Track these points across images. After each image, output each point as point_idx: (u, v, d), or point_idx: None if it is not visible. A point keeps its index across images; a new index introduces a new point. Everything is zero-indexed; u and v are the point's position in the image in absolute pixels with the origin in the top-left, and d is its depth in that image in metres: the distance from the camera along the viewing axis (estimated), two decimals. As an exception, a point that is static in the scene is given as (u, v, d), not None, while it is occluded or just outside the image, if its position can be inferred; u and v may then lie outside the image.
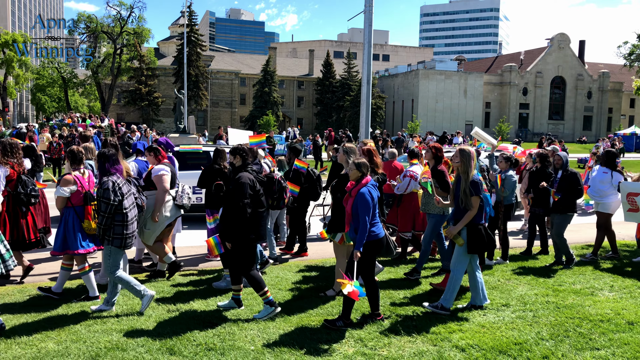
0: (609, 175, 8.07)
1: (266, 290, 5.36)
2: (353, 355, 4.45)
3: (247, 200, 5.25)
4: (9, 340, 4.66)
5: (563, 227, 7.62)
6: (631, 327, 5.09)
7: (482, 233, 5.45)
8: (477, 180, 5.40)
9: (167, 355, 4.40)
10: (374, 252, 5.13)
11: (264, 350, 4.51)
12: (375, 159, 6.36)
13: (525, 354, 4.48)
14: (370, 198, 4.98)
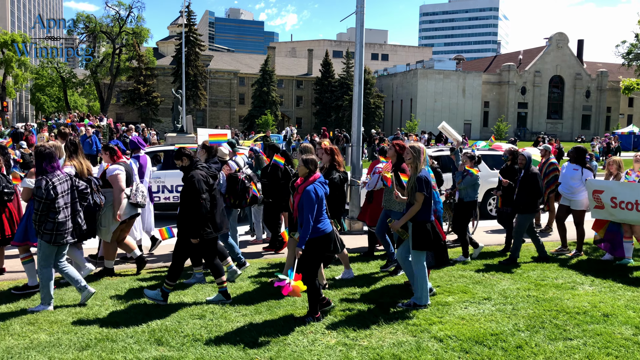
0: (579, 172, 8.19)
1: (224, 280, 5.67)
2: (334, 345, 4.61)
3: (204, 196, 5.43)
4: (2, 332, 4.82)
5: (523, 227, 7.68)
6: (605, 319, 5.25)
7: (428, 230, 5.53)
8: (423, 177, 5.51)
9: (155, 345, 4.57)
10: (319, 248, 5.19)
11: (248, 341, 4.67)
12: (337, 158, 6.55)
13: (501, 344, 4.65)
14: (315, 195, 5.05)
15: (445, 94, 66.53)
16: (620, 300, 5.91)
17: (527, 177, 7.63)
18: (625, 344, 4.64)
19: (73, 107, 59.35)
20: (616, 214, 7.59)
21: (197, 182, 5.48)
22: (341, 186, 6.61)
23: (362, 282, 6.60)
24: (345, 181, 6.74)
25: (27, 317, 5.21)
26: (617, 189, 7.55)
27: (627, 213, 7.43)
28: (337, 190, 6.52)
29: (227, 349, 4.51)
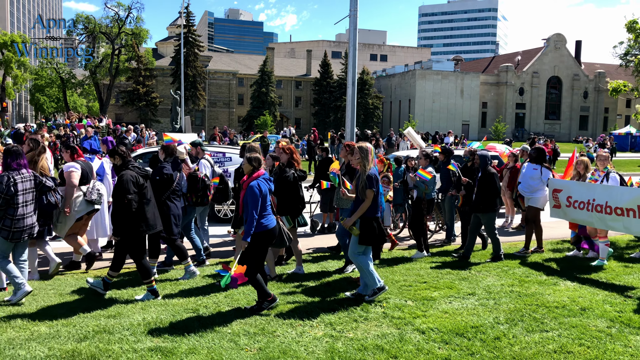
0: (538, 172, 8.34)
1: (152, 280, 5.90)
2: (322, 337, 4.83)
3: (131, 196, 5.65)
4: (4, 324, 5.04)
5: (492, 225, 7.88)
6: (582, 312, 5.48)
7: (374, 226, 5.79)
8: (372, 175, 5.76)
9: (149, 337, 4.78)
10: (263, 242, 5.39)
11: (239, 332, 4.89)
12: (294, 156, 6.84)
13: (480, 335, 4.87)
14: (258, 191, 5.24)
15: (444, 94, 66.78)
16: (598, 295, 6.14)
17: (484, 177, 7.78)
18: (599, 336, 4.86)
19: (72, 108, 59.58)
20: (570, 213, 7.73)
21: (125, 182, 5.69)
22: (295, 183, 6.83)
23: (323, 276, 6.83)
24: (301, 179, 6.98)
25: (28, 310, 5.42)
26: (574, 188, 7.69)
27: (579, 212, 7.54)
28: (293, 187, 6.78)
29: (218, 340, 4.72)
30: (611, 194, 7.11)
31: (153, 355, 4.36)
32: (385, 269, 7.32)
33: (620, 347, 4.62)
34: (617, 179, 7.56)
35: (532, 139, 25.23)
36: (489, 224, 7.90)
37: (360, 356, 4.41)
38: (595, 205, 7.26)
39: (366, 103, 62.15)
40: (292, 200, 6.84)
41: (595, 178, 7.88)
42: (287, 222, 6.79)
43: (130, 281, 6.61)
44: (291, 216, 6.86)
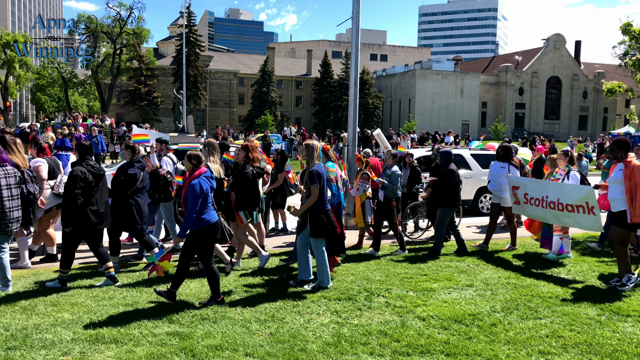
0: (505, 170, 8.48)
1: (110, 267, 6.29)
2: (328, 323, 5.14)
3: (77, 191, 5.99)
4: (29, 312, 5.34)
5: (445, 219, 8.16)
6: (575, 302, 5.78)
7: (322, 219, 6.12)
8: (314, 171, 6.08)
9: (167, 323, 5.09)
10: (205, 238, 5.54)
11: (250, 319, 5.20)
12: (251, 154, 7.13)
13: (477, 322, 5.17)
14: (199, 189, 5.39)
15: (444, 94, 67.07)
16: (589, 286, 6.44)
17: (444, 174, 8.07)
18: (589, 322, 5.17)
19: (74, 107, 59.82)
20: (527, 209, 7.94)
21: (73, 177, 6.05)
22: (253, 180, 7.10)
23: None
24: (259, 176, 7.26)
25: (50, 299, 5.73)
26: (530, 185, 7.89)
27: (535, 209, 7.75)
28: (250, 184, 7.06)
29: (232, 326, 5.03)
30: (562, 191, 7.30)
31: (171, 339, 4.66)
32: (388, 263, 7.62)
33: (608, 332, 4.93)
34: (578, 178, 7.66)
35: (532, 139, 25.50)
36: (442, 217, 8.15)
37: (365, 340, 4.71)
38: (548, 202, 7.46)
39: (366, 103, 62.43)
40: (250, 196, 7.11)
41: (556, 176, 8.06)
42: (244, 216, 7.08)
43: (141, 274, 6.90)
44: (249, 211, 7.13)
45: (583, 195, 6.96)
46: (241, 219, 7.08)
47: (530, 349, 4.56)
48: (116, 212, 6.77)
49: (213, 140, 7.13)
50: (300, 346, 4.55)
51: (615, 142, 6.30)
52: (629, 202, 6.05)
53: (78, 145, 6.36)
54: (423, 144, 24.57)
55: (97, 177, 6.30)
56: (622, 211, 6.16)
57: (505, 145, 9.04)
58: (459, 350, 4.48)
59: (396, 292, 6.17)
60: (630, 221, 6.06)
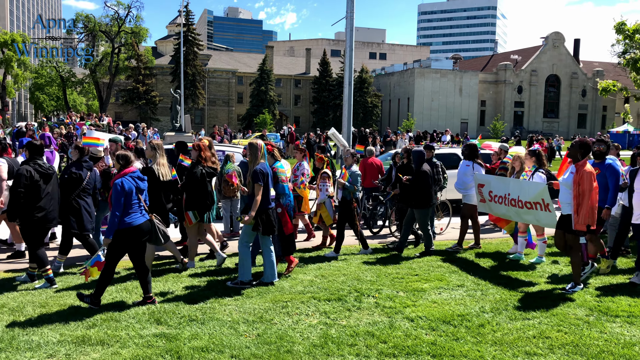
0: (471, 168, 8.45)
1: (48, 269, 6.28)
2: (316, 325, 5.13)
3: (20, 189, 6.07)
4: (17, 313, 5.34)
5: (425, 221, 8.10)
6: (564, 302, 5.78)
7: (263, 217, 6.18)
8: (258, 170, 6.13)
9: (154, 324, 5.08)
10: (127, 239, 5.48)
11: (239, 320, 5.19)
12: (203, 153, 7.10)
13: (465, 323, 5.17)
14: (121, 189, 5.37)
15: (442, 93, 67.04)
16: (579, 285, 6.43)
17: (417, 174, 8.02)
18: (577, 323, 5.17)
19: (72, 106, 59.76)
20: (492, 207, 7.89)
21: (18, 175, 6.14)
22: (202, 180, 7.06)
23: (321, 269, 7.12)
24: (211, 175, 7.22)
25: (38, 300, 5.72)
26: (494, 182, 7.83)
27: (499, 207, 7.71)
28: (199, 184, 7.03)
29: (219, 327, 5.02)
30: (522, 188, 7.27)
31: (158, 341, 4.66)
32: (378, 263, 7.62)
33: (596, 333, 4.92)
34: (543, 177, 7.56)
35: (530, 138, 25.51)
36: (422, 219, 8.10)
37: (352, 341, 4.70)
38: (510, 199, 7.42)
39: (365, 101, 62.42)
40: (200, 196, 7.07)
41: (524, 175, 7.99)
42: (193, 217, 7.05)
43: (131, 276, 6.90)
44: (198, 212, 7.09)
45: (538, 192, 6.87)
46: (190, 219, 7.06)
47: (517, 349, 4.55)
48: (63, 212, 6.75)
49: (159, 141, 7.08)
50: (286, 347, 4.55)
51: (577, 142, 6.16)
52: (575, 208, 5.92)
53: (28, 144, 6.47)
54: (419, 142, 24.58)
55: (45, 176, 6.35)
56: (570, 215, 6.05)
57: (469, 144, 8.99)
58: (445, 352, 4.48)
59: (386, 292, 6.16)
60: (574, 228, 5.94)
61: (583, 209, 5.86)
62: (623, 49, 54.55)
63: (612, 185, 7.04)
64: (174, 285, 6.38)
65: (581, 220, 5.87)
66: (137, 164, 6.63)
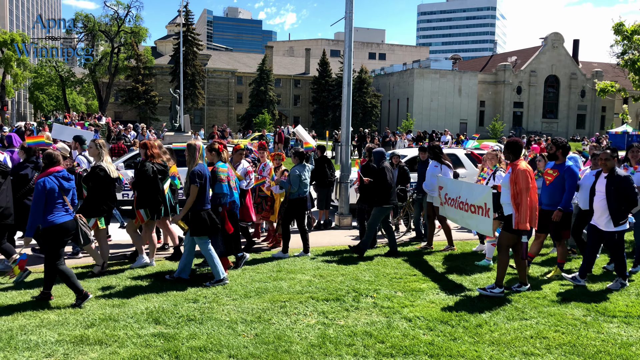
0: (438, 169, 8.42)
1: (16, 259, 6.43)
2: (314, 324, 5.14)
3: None
4: (16, 313, 5.34)
5: (377, 219, 8.04)
6: (561, 303, 5.80)
7: (204, 218, 6.21)
8: (196, 171, 6.17)
9: (152, 324, 5.09)
10: (50, 237, 5.49)
11: (237, 320, 5.20)
12: (150, 151, 7.13)
13: (463, 323, 5.18)
14: (41, 187, 5.39)
15: (442, 93, 67.08)
16: (579, 287, 6.45)
17: (377, 172, 7.99)
18: (574, 323, 5.18)
19: (72, 106, 59.74)
20: (447, 210, 7.81)
21: None
22: (154, 177, 7.03)
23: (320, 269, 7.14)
24: (161, 173, 7.16)
25: (36, 300, 5.72)
26: (449, 185, 7.75)
27: (451, 210, 7.61)
28: (150, 181, 7.02)
29: (217, 327, 5.03)
30: (471, 191, 7.12)
31: (156, 340, 4.67)
32: (376, 263, 7.63)
33: (593, 333, 4.94)
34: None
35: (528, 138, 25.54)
36: (376, 217, 8.04)
37: (350, 341, 4.72)
38: (459, 202, 7.30)
39: (364, 102, 62.45)
40: (151, 194, 7.05)
41: (483, 176, 7.95)
42: (145, 215, 7.06)
43: (132, 273, 6.90)
44: (150, 210, 7.08)
45: (483, 196, 6.71)
46: (141, 217, 7.06)
47: (514, 349, 4.57)
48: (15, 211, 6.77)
49: (102, 140, 7.07)
50: (284, 347, 4.56)
51: (507, 143, 6.09)
52: (515, 207, 5.84)
53: None
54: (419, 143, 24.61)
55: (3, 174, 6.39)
56: (510, 215, 5.97)
57: (435, 145, 8.96)
58: (442, 352, 4.49)
59: (384, 292, 6.17)
60: (515, 227, 5.85)
61: (522, 208, 5.78)
62: (622, 50, 54.68)
63: (567, 187, 6.84)
64: (172, 285, 6.38)
65: (522, 218, 5.79)
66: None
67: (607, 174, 6.21)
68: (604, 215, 6.21)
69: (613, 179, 6.11)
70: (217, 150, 6.86)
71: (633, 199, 6.10)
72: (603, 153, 6.30)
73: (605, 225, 6.23)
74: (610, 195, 6.10)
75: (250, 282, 6.51)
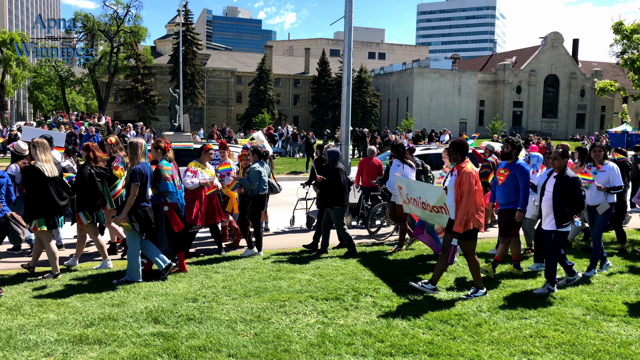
0: (401, 168, 8.40)
1: None
2: (314, 324, 5.14)
3: None
4: (14, 312, 5.34)
5: (341, 220, 8.00)
6: (561, 302, 5.80)
7: (140, 215, 6.27)
8: (137, 170, 6.20)
9: (152, 323, 5.09)
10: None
11: (236, 319, 5.20)
12: (91, 154, 7.11)
13: (463, 322, 5.18)
14: None
15: (441, 92, 67.08)
16: (578, 285, 6.46)
17: (330, 173, 7.95)
18: (574, 322, 5.18)
19: (71, 106, 59.68)
20: (411, 209, 7.66)
21: None
22: (90, 181, 7.01)
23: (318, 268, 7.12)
24: (100, 175, 7.16)
25: (36, 300, 5.73)
26: (407, 185, 7.64)
27: (415, 209, 7.46)
28: (88, 184, 7.01)
29: (217, 326, 5.03)
30: (425, 192, 7.03)
31: (155, 340, 4.66)
32: (376, 262, 7.63)
33: (592, 332, 4.94)
34: None
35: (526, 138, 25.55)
36: (338, 219, 8.00)
37: (350, 340, 4.71)
38: (421, 202, 7.18)
39: (364, 101, 62.43)
40: (89, 196, 7.04)
41: (442, 174, 7.88)
42: (84, 217, 7.04)
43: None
44: (89, 211, 7.07)
45: (437, 198, 6.58)
46: (80, 220, 7.06)
47: (514, 349, 4.56)
48: None
49: (44, 140, 6.97)
50: (283, 347, 4.55)
51: (452, 143, 6.04)
52: (456, 209, 5.77)
53: None
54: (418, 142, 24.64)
55: None
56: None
57: (399, 144, 8.93)
58: (442, 351, 4.49)
59: (384, 291, 6.17)
60: (452, 229, 5.76)
61: (461, 211, 5.69)
62: (622, 49, 54.62)
63: (521, 185, 6.74)
64: (172, 285, 6.38)
65: (458, 222, 5.70)
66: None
67: (557, 174, 6.07)
68: (550, 215, 6.06)
69: (562, 180, 5.96)
70: (162, 148, 6.85)
71: (579, 202, 5.92)
72: (553, 152, 6.15)
73: (548, 224, 6.07)
74: (557, 195, 5.95)
75: (250, 282, 6.51)
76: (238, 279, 6.63)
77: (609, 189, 7.11)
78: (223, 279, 6.65)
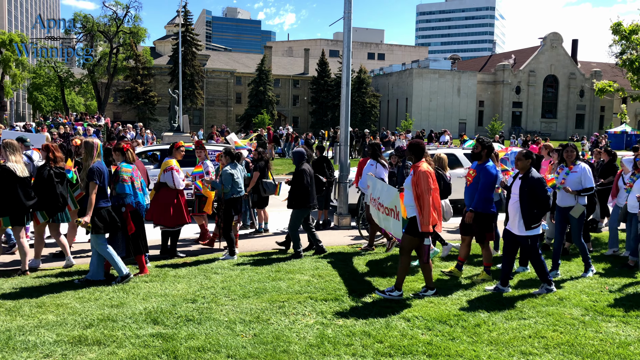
0: (374, 167, 8.33)
1: None
2: (313, 324, 5.14)
3: None
4: (13, 313, 5.34)
5: (297, 221, 7.93)
6: (559, 302, 5.80)
7: (103, 215, 6.29)
8: (95, 168, 6.22)
9: (151, 324, 5.09)
10: None
11: (235, 320, 5.20)
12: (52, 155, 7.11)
13: (462, 322, 5.18)
14: None
15: (441, 93, 67.16)
16: (577, 286, 6.47)
17: (295, 173, 7.90)
18: (572, 322, 5.19)
19: (70, 106, 59.68)
20: (372, 210, 7.65)
21: None
22: (49, 181, 7.00)
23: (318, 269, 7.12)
24: (58, 176, 7.11)
25: (35, 300, 5.73)
26: (374, 185, 7.59)
27: (374, 210, 7.47)
28: (47, 183, 7.01)
29: (216, 327, 5.03)
30: (382, 192, 6.97)
31: (154, 341, 4.67)
32: (375, 263, 7.63)
33: (591, 332, 4.95)
34: None
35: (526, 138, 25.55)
36: (293, 218, 7.95)
37: (349, 341, 4.72)
38: (377, 203, 7.16)
39: (363, 102, 62.48)
40: (48, 196, 7.05)
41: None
42: (41, 217, 7.06)
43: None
44: (47, 212, 7.08)
45: (392, 199, 6.55)
46: (37, 218, 7.08)
47: (513, 349, 4.57)
48: None
49: (13, 141, 7.02)
50: (283, 347, 4.56)
51: (409, 144, 6.01)
52: (418, 209, 5.71)
53: None
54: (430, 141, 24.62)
55: None
56: (414, 217, 5.82)
57: (373, 143, 8.88)
58: (441, 351, 4.49)
59: (383, 292, 6.16)
60: (420, 230, 5.70)
61: (425, 210, 5.67)
62: (620, 50, 54.64)
63: (480, 187, 6.62)
64: (171, 286, 6.38)
65: (425, 220, 5.67)
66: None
67: (522, 176, 6.01)
68: (516, 218, 6.01)
69: (527, 181, 5.90)
70: (121, 150, 6.85)
71: (545, 202, 5.87)
72: (518, 153, 6.12)
73: (518, 229, 6.02)
74: (524, 197, 5.88)
75: (249, 282, 6.51)
76: (237, 280, 6.63)
77: (579, 191, 6.88)
78: (222, 279, 6.65)
